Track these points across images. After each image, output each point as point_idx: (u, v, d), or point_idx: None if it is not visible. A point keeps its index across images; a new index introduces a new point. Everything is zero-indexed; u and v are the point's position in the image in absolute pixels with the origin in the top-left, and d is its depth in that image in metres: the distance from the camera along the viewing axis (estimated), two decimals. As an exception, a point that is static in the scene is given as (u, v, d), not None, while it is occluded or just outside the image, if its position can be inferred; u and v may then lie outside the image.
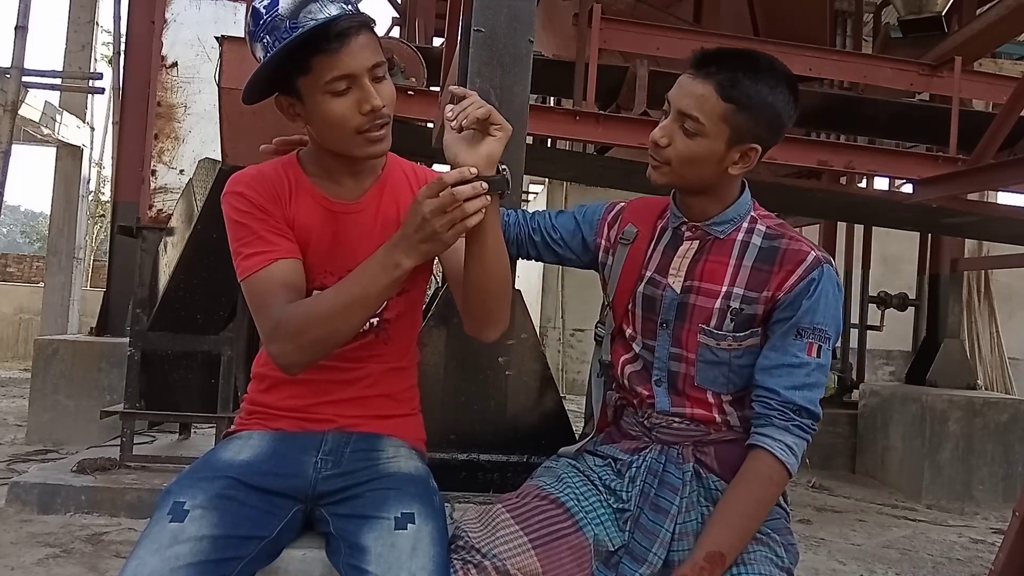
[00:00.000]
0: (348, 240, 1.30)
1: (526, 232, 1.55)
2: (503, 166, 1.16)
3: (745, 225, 1.35)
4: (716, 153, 1.28)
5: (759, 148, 1.29)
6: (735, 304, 1.30)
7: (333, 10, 1.16)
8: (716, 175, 1.31)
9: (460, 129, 1.13)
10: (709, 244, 1.35)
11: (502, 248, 1.22)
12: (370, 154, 1.26)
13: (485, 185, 1.10)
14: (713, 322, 1.31)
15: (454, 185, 1.08)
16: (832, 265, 1.31)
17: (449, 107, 1.15)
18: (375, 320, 1.32)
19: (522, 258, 1.62)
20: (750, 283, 1.30)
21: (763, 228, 1.35)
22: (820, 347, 1.27)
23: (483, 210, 1.10)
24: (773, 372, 1.27)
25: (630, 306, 1.41)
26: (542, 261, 1.58)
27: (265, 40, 1.17)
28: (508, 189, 1.17)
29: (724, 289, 1.31)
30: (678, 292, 1.34)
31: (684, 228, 1.37)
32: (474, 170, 1.10)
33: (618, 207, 1.51)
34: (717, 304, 1.31)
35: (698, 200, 1.35)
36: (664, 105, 1.33)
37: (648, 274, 1.39)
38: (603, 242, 1.48)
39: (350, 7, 1.19)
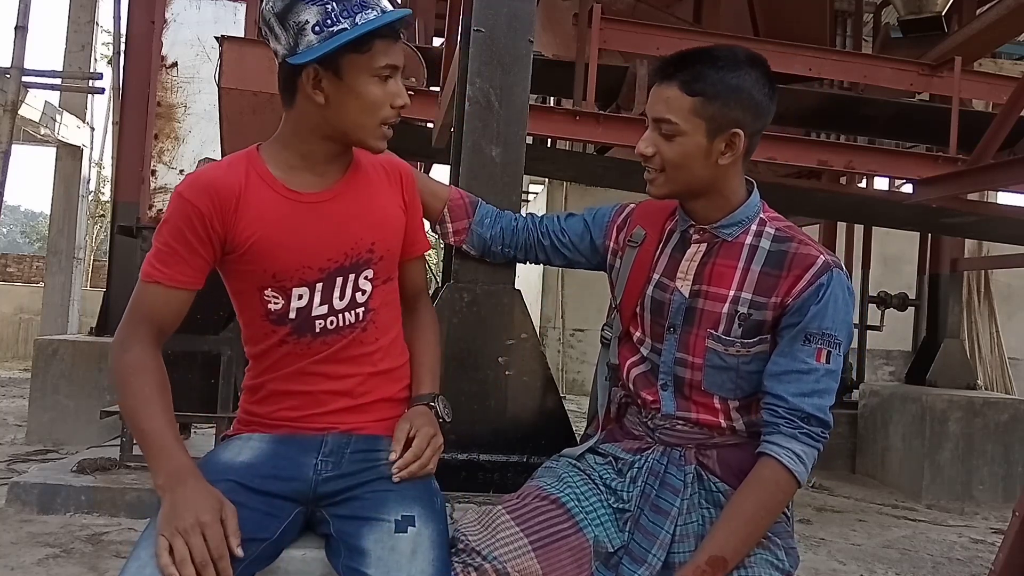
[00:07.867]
0: (323, 231, 1.28)
1: (535, 237, 1.57)
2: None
3: (753, 228, 1.33)
4: (700, 148, 1.28)
5: (741, 132, 1.28)
6: (743, 309, 1.29)
7: (389, 5, 1.22)
8: (709, 171, 1.30)
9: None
10: (717, 247, 1.34)
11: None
12: (379, 148, 1.29)
13: None
14: (721, 327, 1.30)
15: None
16: (842, 269, 1.29)
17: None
18: (360, 311, 1.31)
19: (531, 262, 1.63)
20: (758, 288, 1.29)
21: (772, 231, 1.33)
22: (830, 353, 1.25)
23: None
24: (781, 378, 1.26)
25: (638, 309, 1.40)
26: (551, 264, 1.59)
27: (330, 7, 1.17)
28: None
29: (732, 293, 1.30)
30: (686, 296, 1.33)
31: (692, 231, 1.36)
32: None
33: (628, 209, 1.50)
34: (725, 309, 1.30)
35: (700, 203, 1.34)
36: (646, 122, 1.35)
37: (656, 277, 1.38)
38: (611, 244, 1.48)
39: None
